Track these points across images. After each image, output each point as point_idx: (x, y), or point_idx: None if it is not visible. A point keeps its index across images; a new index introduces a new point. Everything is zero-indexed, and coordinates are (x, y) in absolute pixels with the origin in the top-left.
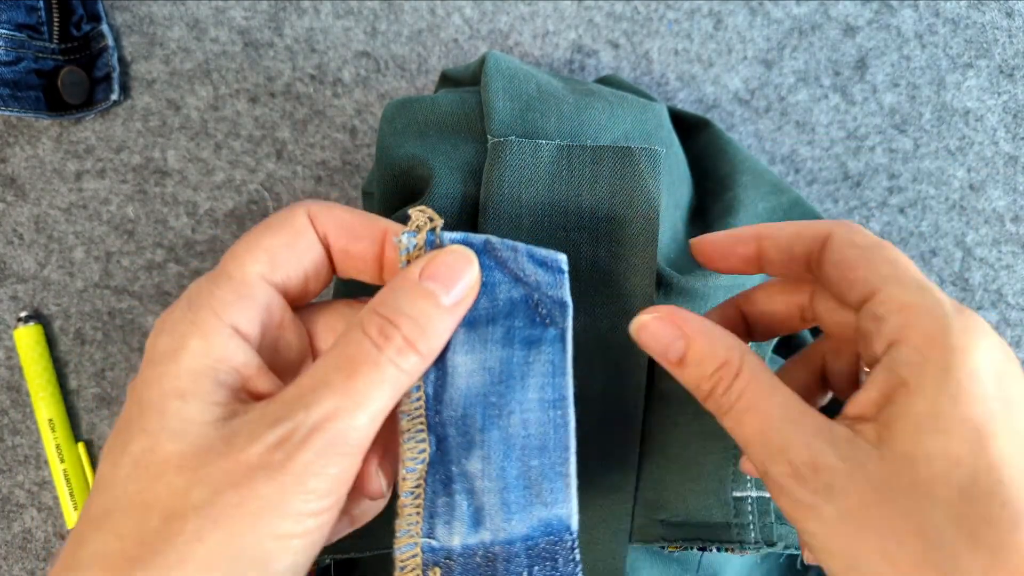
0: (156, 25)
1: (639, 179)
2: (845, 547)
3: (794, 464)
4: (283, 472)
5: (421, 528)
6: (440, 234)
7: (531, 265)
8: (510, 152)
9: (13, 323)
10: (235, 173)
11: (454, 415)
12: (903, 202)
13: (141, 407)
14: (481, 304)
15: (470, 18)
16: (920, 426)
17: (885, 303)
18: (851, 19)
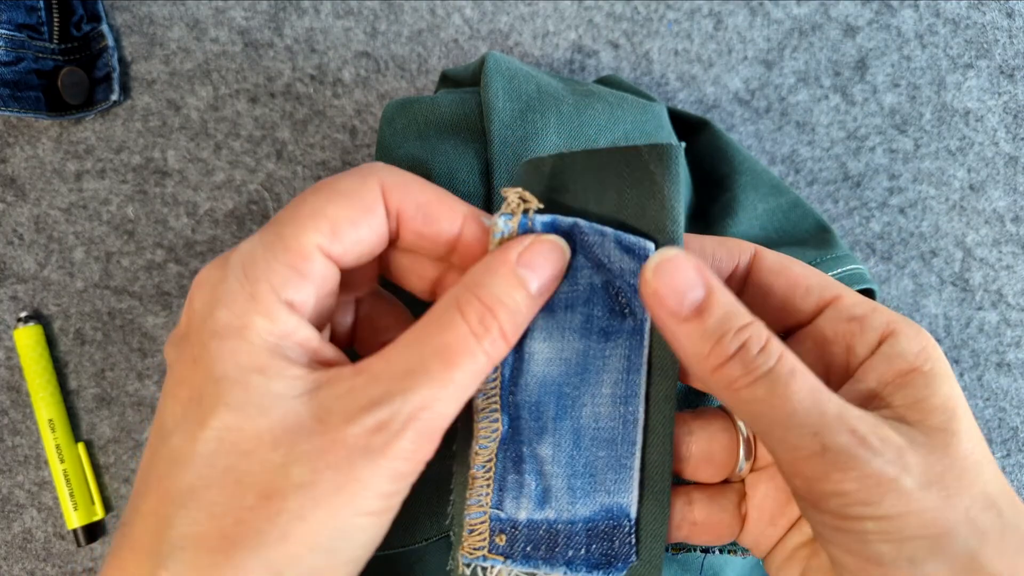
0: (156, 25)
1: (651, 183)
2: (931, 523)
3: (860, 434)
4: (383, 456)
5: (491, 499)
6: (532, 216)
7: (617, 251)
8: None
9: (13, 323)
10: (235, 173)
11: (528, 400)
12: (903, 202)
13: (217, 381)
14: (562, 289)
15: (470, 18)
16: (947, 406)
17: (859, 304)
18: (851, 19)
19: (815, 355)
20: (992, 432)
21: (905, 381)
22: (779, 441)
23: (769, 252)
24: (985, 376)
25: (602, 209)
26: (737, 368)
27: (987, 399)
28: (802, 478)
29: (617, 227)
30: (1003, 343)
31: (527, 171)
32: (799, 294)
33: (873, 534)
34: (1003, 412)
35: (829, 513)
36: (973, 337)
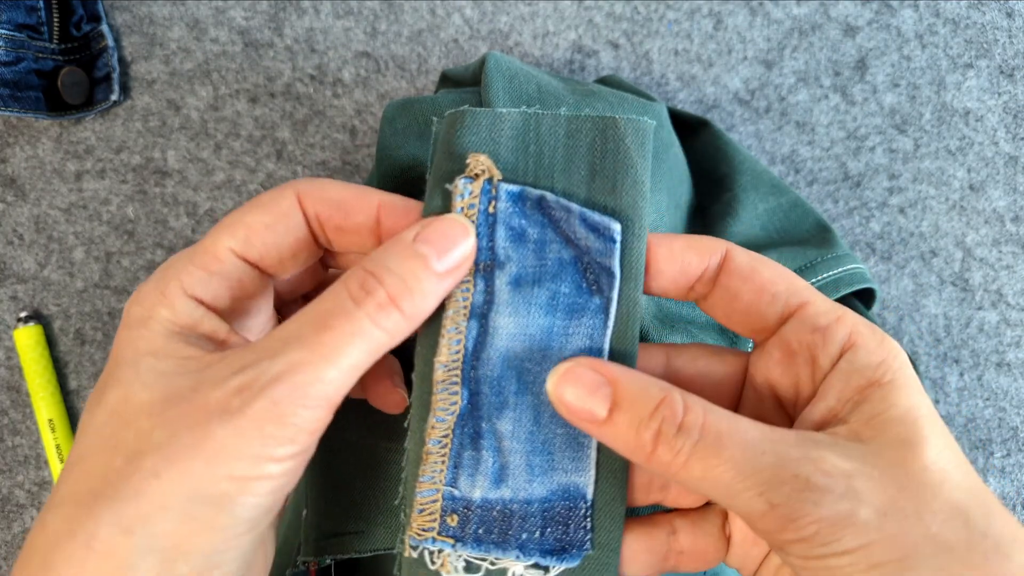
0: (156, 25)
1: (624, 158)
2: (893, 548)
3: (803, 478)
4: (240, 416)
5: (444, 476)
6: (497, 184)
7: (583, 229)
8: (463, 125)
9: (13, 323)
10: (235, 173)
11: (491, 374)
12: (903, 202)
13: (117, 364)
14: (529, 262)
15: (470, 18)
16: (907, 418)
17: (825, 314)
18: (851, 19)
19: (783, 367)
20: (992, 432)
21: (863, 397)
22: (732, 507)
23: (740, 253)
24: (985, 376)
25: (570, 180)
26: (665, 452)
27: (987, 399)
28: (763, 533)
29: (584, 202)
30: (1003, 343)
31: (484, 125)
32: (765, 301)
33: (839, 568)
34: (1003, 412)
35: (796, 556)
36: (973, 337)
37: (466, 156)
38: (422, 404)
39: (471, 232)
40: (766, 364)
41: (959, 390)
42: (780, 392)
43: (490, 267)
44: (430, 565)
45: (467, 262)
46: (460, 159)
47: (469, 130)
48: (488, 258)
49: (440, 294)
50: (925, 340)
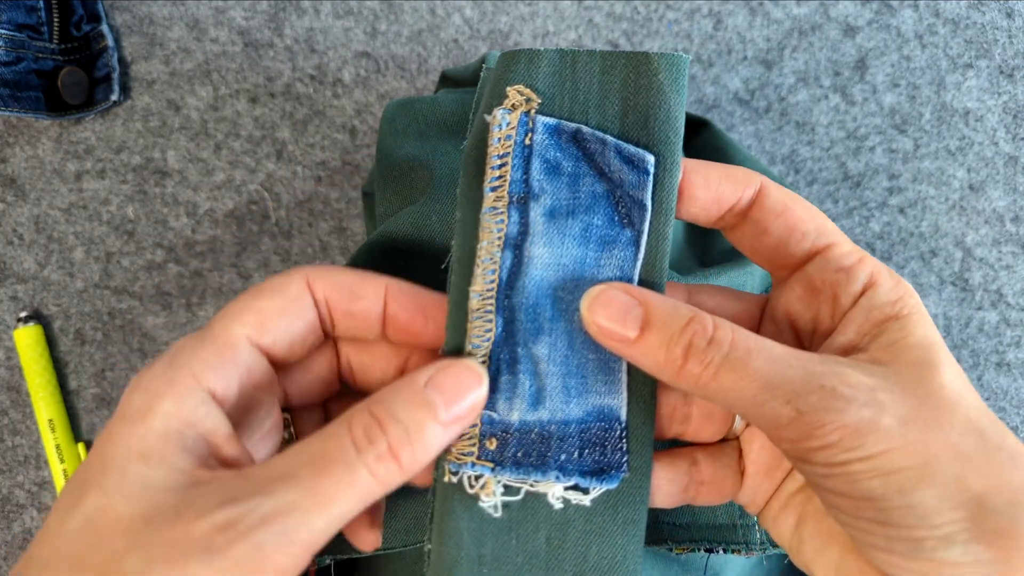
0: (156, 25)
1: (657, 93)
2: (914, 454)
3: (829, 388)
4: (221, 557)
5: None
6: (534, 116)
7: (617, 161)
8: (502, 65)
9: (13, 323)
10: (235, 173)
11: (526, 302)
12: (903, 202)
13: (103, 463)
14: (563, 195)
15: (470, 18)
16: (923, 343)
17: (848, 255)
18: (851, 19)
19: (804, 302)
20: None
21: (881, 329)
22: (758, 417)
23: (774, 188)
24: (985, 376)
25: (603, 115)
26: (695, 366)
27: (987, 399)
28: (787, 442)
29: (618, 137)
30: (1003, 343)
31: (522, 64)
32: (795, 238)
33: (861, 473)
34: (1003, 412)
35: (818, 464)
36: (973, 337)
37: (505, 90)
38: (457, 331)
39: (484, 381)
40: (787, 298)
41: None
42: (799, 325)
43: (524, 199)
44: (468, 489)
45: (475, 411)
46: (499, 95)
47: (508, 68)
48: (522, 190)
49: (442, 444)
50: None
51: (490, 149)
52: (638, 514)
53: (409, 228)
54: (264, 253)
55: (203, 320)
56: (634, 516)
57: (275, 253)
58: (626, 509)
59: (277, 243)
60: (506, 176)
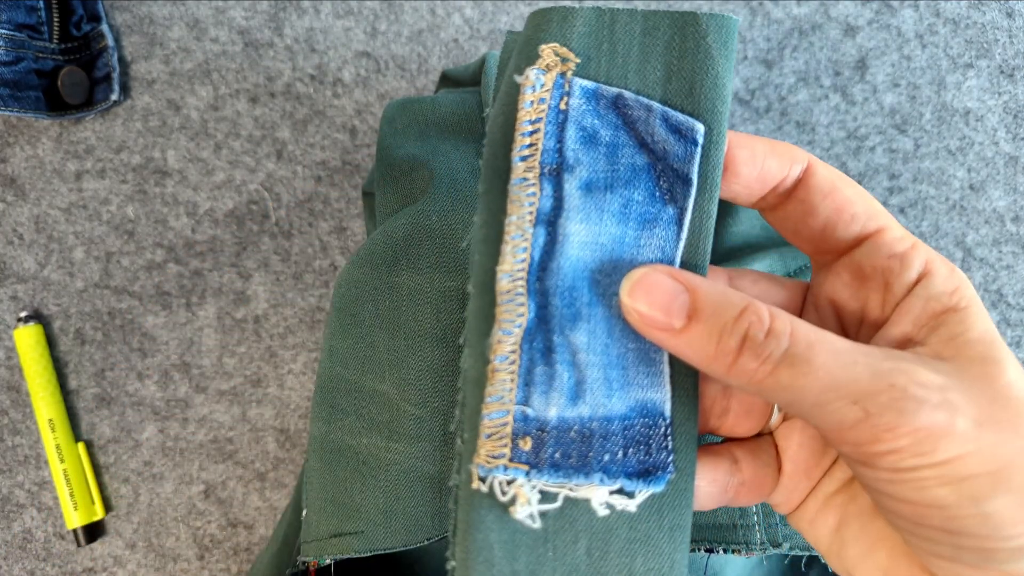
0: (156, 25)
1: (705, 58)
2: (989, 459)
3: (899, 387)
4: None
5: (515, 395)
6: (571, 79)
7: (663, 131)
8: (533, 25)
9: (13, 323)
10: (235, 173)
11: (561, 284)
12: (903, 202)
13: None
14: (600, 167)
15: (470, 18)
16: (985, 339)
17: (901, 240)
18: (851, 19)
19: (852, 289)
20: None
21: (939, 321)
22: (819, 418)
23: (821, 167)
24: None
25: (644, 80)
26: (751, 361)
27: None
28: (850, 444)
29: (661, 103)
30: None
31: (555, 23)
32: (843, 221)
33: (930, 480)
34: None
35: (883, 469)
36: None
37: (537, 50)
38: (482, 318)
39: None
40: (832, 285)
41: None
42: (845, 313)
43: (558, 170)
44: (500, 497)
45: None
46: (531, 56)
47: (539, 28)
48: (555, 160)
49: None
50: None
51: (520, 114)
52: (684, 519)
53: (409, 227)
54: (264, 253)
55: (203, 320)
56: (680, 521)
57: (275, 253)
58: (672, 514)
59: (277, 243)
60: (538, 144)
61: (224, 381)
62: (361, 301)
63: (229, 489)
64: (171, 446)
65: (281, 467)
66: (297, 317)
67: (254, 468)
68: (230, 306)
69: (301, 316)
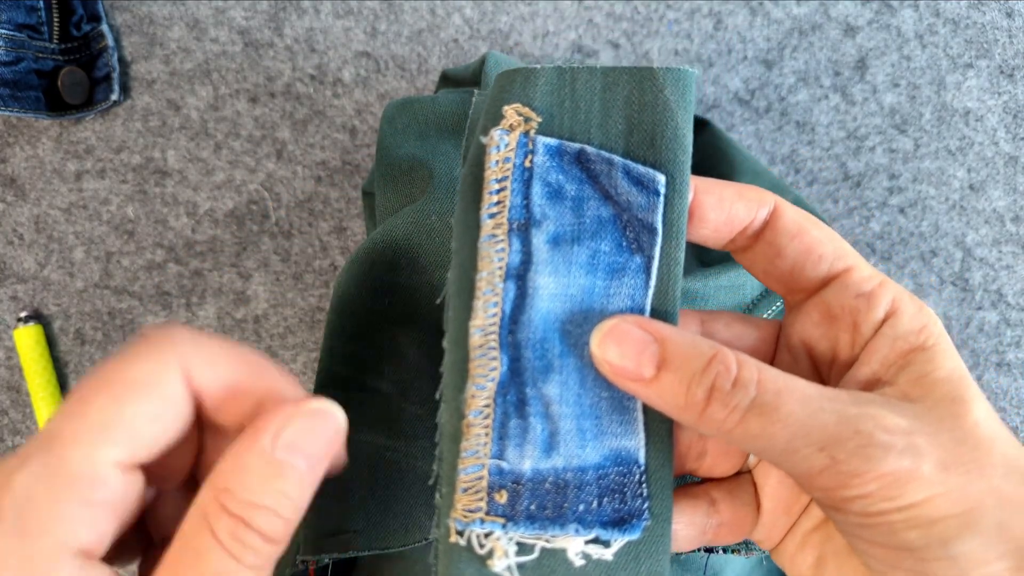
0: (156, 25)
1: (664, 110)
2: (956, 502)
3: (865, 433)
4: None
5: (490, 449)
6: (534, 137)
7: (625, 183)
8: (498, 86)
9: (13, 323)
10: (235, 173)
11: (533, 337)
12: (903, 202)
13: None
14: (567, 220)
15: (470, 18)
16: (952, 377)
17: (868, 279)
18: (851, 19)
19: (822, 329)
20: None
21: (907, 360)
22: (789, 464)
23: (789, 209)
24: (985, 376)
25: (607, 135)
26: (719, 410)
27: (987, 399)
28: (820, 490)
29: (623, 156)
30: (1003, 343)
31: (518, 84)
32: (811, 261)
33: (899, 523)
34: (1003, 412)
35: (853, 513)
36: (973, 337)
37: (502, 111)
38: (457, 372)
39: (337, 416)
40: (803, 325)
41: None
42: (816, 353)
43: (525, 225)
44: (478, 550)
45: (336, 447)
46: (496, 116)
47: (504, 88)
48: (523, 216)
49: (315, 485)
50: None
51: (487, 173)
52: (661, 565)
53: (409, 227)
54: (264, 253)
55: (203, 320)
56: (657, 568)
57: (275, 253)
58: (649, 561)
59: (277, 243)
60: (505, 201)
61: None
62: (361, 300)
63: None
64: None
65: None
66: (297, 317)
67: None
68: (230, 306)
69: (301, 316)
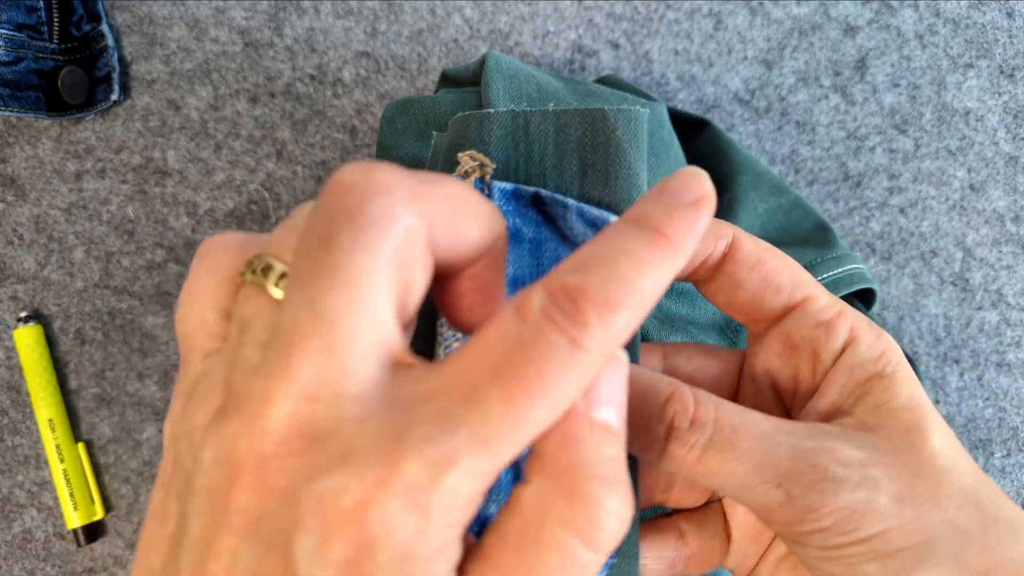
0: (156, 25)
1: (616, 150)
2: (912, 533)
3: (820, 468)
4: None
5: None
6: (490, 182)
7: (580, 224)
8: (453, 131)
9: (13, 323)
10: (235, 173)
11: None
12: (903, 202)
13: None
14: (526, 262)
15: (470, 18)
16: (910, 405)
17: (827, 308)
18: (851, 19)
19: (784, 359)
20: (992, 432)
21: (865, 389)
22: (748, 500)
23: (747, 240)
24: (985, 376)
25: (562, 176)
26: (678, 448)
27: (987, 399)
28: (779, 524)
29: (578, 198)
30: (1003, 343)
31: (472, 128)
32: (770, 291)
33: (857, 556)
34: (1003, 412)
35: (812, 547)
36: (973, 337)
37: (457, 157)
38: None
39: (623, 360)
40: (766, 355)
41: (959, 390)
42: (779, 383)
43: None
44: None
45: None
46: (452, 162)
47: (459, 134)
48: None
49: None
50: (925, 340)
51: None
52: None
53: None
54: None
55: None
56: None
57: None
58: None
59: None
60: None
61: None
62: None
63: None
64: None
65: None
66: None
67: None
68: None
69: None
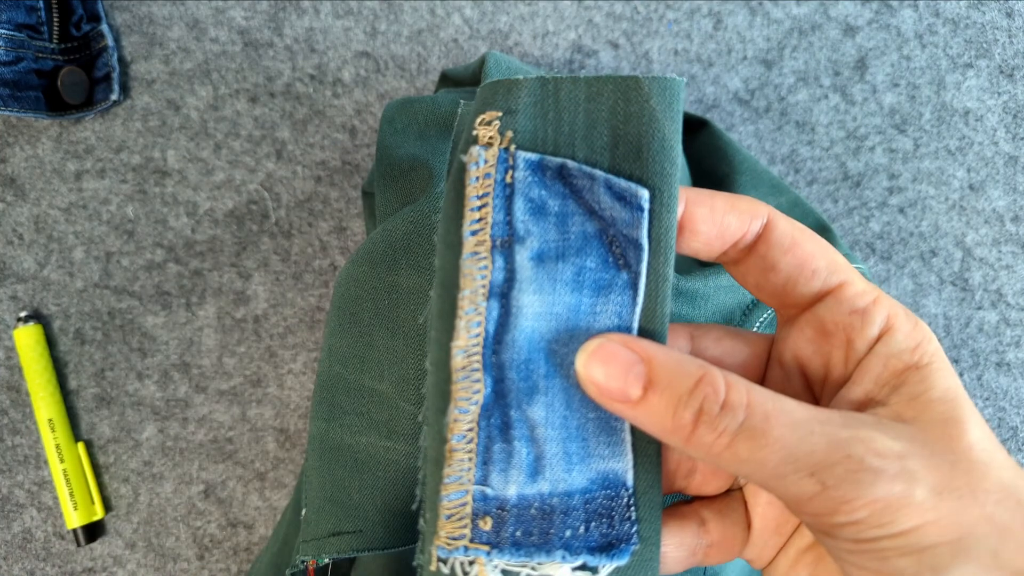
0: (156, 25)
1: (650, 121)
2: (949, 528)
3: (856, 458)
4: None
5: (474, 475)
6: (514, 152)
7: (608, 198)
8: (481, 98)
9: (13, 323)
10: (235, 173)
11: (517, 358)
12: (903, 202)
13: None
14: (551, 236)
15: (470, 18)
16: (947, 397)
17: (863, 295)
18: (851, 19)
19: (816, 346)
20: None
21: (901, 380)
22: (778, 489)
23: (782, 221)
24: (985, 376)
25: (591, 147)
26: (707, 434)
27: (987, 399)
28: (810, 516)
29: (608, 170)
30: (1003, 343)
31: (500, 95)
32: (805, 276)
33: (891, 551)
34: (1003, 412)
35: (844, 540)
36: (973, 337)
37: (479, 126)
38: (439, 395)
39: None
40: (796, 340)
41: None
42: (809, 370)
43: (508, 242)
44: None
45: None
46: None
47: (486, 102)
48: (506, 233)
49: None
50: None
51: (468, 189)
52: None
53: (409, 227)
54: (264, 253)
55: (203, 320)
56: None
57: (275, 253)
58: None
59: (277, 243)
60: (487, 218)
61: (224, 381)
62: (361, 300)
63: (229, 489)
64: (171, 446)
65: (281, 467)
66: (297, 317)
67: (254, 468)
68: (230, 306)
69: (301, 316)
